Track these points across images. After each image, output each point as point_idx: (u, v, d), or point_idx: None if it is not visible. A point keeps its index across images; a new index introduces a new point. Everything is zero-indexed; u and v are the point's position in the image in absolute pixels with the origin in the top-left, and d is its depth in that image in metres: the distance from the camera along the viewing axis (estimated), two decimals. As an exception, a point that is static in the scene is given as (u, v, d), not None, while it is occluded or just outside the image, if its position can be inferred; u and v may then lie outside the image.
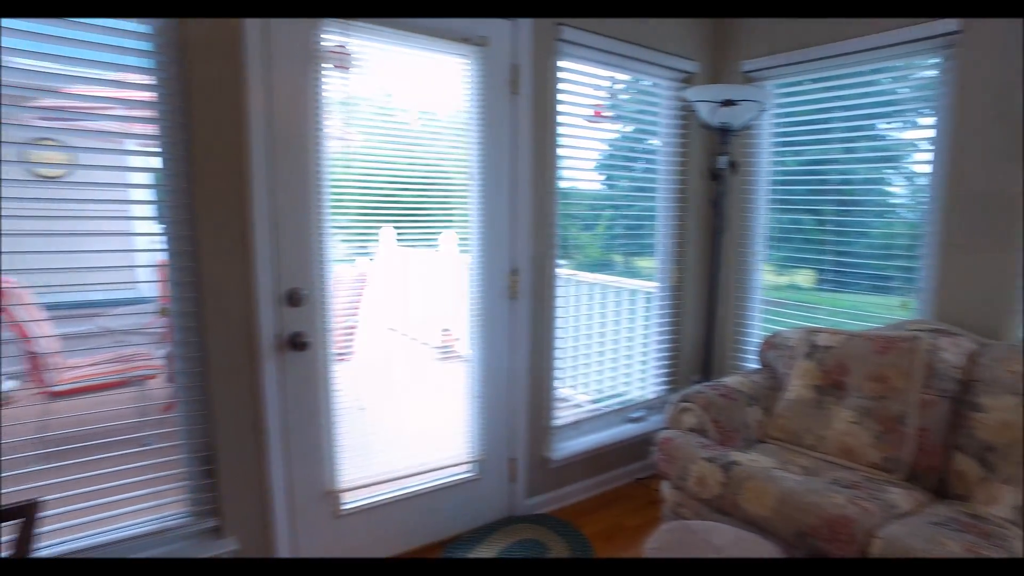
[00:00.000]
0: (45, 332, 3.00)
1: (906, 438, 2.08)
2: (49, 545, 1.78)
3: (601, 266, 3.23)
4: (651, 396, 3.25)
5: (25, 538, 1.36)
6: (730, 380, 2.56)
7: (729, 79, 3.06)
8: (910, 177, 2.69)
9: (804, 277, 3.10)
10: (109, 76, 1.85)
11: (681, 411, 2.41)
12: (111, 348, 3.38)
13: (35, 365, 2.89)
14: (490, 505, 2.65)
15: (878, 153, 2.71)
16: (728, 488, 2.07)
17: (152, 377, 3.18)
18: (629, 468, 3.10)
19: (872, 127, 2.73)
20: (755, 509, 1.99)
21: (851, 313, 2.79)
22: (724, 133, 2.72)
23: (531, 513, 2.75)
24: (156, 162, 1.87)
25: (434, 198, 2.42)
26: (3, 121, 2.07)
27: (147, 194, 1.93)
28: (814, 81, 2.85)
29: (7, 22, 1.63)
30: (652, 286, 3.23)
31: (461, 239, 2.55)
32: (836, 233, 2.84)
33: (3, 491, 1.78)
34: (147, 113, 1.82)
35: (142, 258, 3.81)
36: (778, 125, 2.99)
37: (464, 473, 2.57)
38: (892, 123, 2.70)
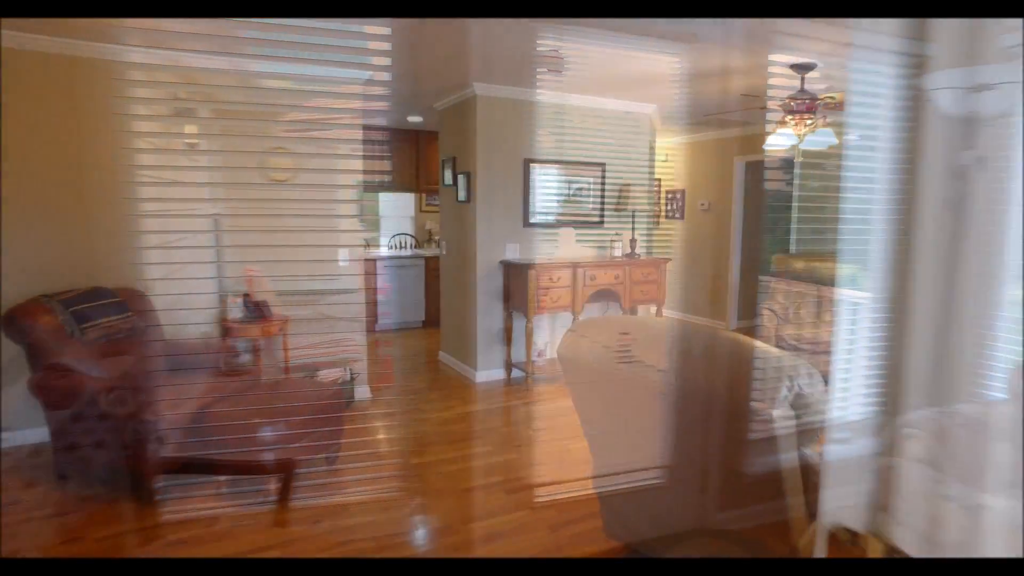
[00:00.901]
0: (277, 315, 3.45)
1: None
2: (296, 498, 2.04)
3: (804, 274, 2.97)
4: (854, 417, 2.92)
5: (286, 489, 1.57)
6: (968, 408, 2.21)
7: (982, 56, 2.61)
8: None
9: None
10: (346, 90, 2.07)
11: (905, 438, 2.13)
12: (324, 332, 3.80)
13: (268, 343, 3.33)
14: (678, 514, 2.56)
15: None
16: (974, 535, 1.79)
17: (356, 361, 3.52)
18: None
19: None
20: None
21: None
22: (972, 124, 2.34)
23: (720, 528, 2.61)
24: (384, 165, 2.04)
25: (624, 198, 2.38)
26: (252, 134, 2.38)
27: (356, 194, 2.11)
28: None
29: (258, 49, 1.87)
30: (862, 296, 2.90)
31: (643, 241, 2.49)
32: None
33: (243, 450, 2.06)
34: (376, 121, 2.00)
35: (348, 253, 4.22)
36: (1040, 111, 2.51)
37: (652, 479, 2.51)
38: None
